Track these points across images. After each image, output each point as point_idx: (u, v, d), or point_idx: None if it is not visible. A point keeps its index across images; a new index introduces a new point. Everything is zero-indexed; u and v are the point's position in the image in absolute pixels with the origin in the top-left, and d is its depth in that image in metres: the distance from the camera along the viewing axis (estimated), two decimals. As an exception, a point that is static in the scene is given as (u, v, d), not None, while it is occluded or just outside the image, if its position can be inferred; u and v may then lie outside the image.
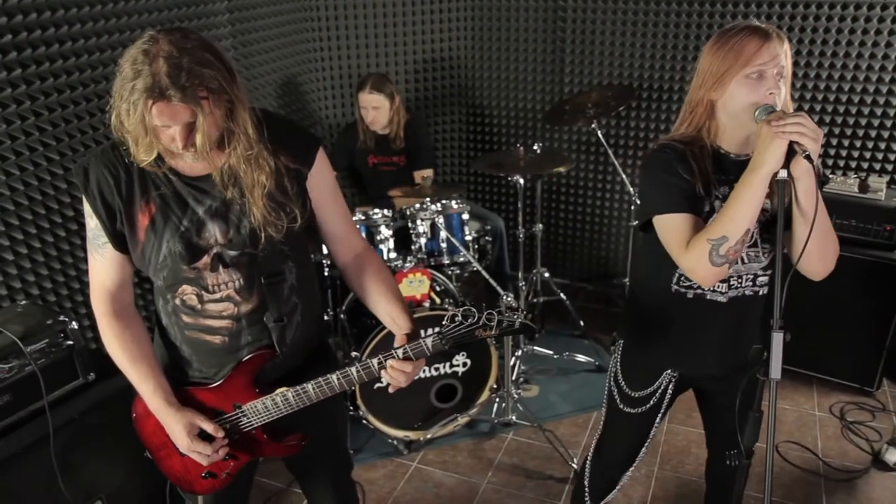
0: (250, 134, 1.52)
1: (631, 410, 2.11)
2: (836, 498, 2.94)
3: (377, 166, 3.93)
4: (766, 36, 1.66)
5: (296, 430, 1.82)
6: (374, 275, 1.78)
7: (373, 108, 3.71)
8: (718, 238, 1.65)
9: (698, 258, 1.68)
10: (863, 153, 3.73)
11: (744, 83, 1.68)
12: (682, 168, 1.75)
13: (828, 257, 1.76)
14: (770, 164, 1.57)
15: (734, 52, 1.68)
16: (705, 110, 1.78)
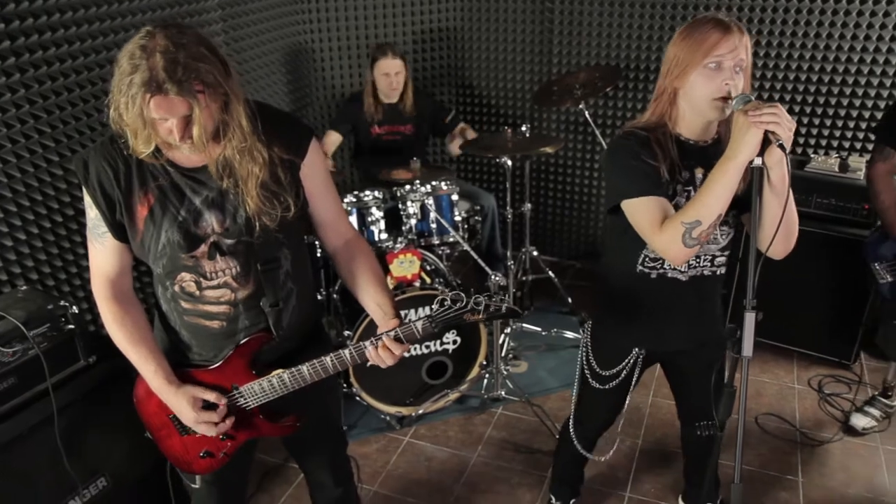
0: (244, 126, 1.57)
1: (601, 387, 2.22)
2: (810, 465, 3.06)
3: (380, 137, 3.98)
4: (726, 29, 1.75)
5: (291, 410, 1.90)
6: (363, 263, 1.85)
7: (395, 74, 3.78)
8: (693, 221, 1.73)
9: (672, 240, 1.76)
10: (844, 133, 3.81)
11: (703, 73, 1.76)
12: (646, 154, 1.83)
13: (791, 239, 1.85)
14: (746, 153, 1.64)
15: (696, 43, 1.76)
16: (668, 98, 1.86)
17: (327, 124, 4.49)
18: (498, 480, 3.02)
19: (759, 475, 3.02)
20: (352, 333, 3.13)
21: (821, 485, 2.95)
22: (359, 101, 3.97)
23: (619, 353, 2.19)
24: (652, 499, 2.91)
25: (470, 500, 2.93)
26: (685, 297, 2.03)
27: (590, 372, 2.27)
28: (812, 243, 3.48)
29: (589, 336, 2.28)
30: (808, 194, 3.50)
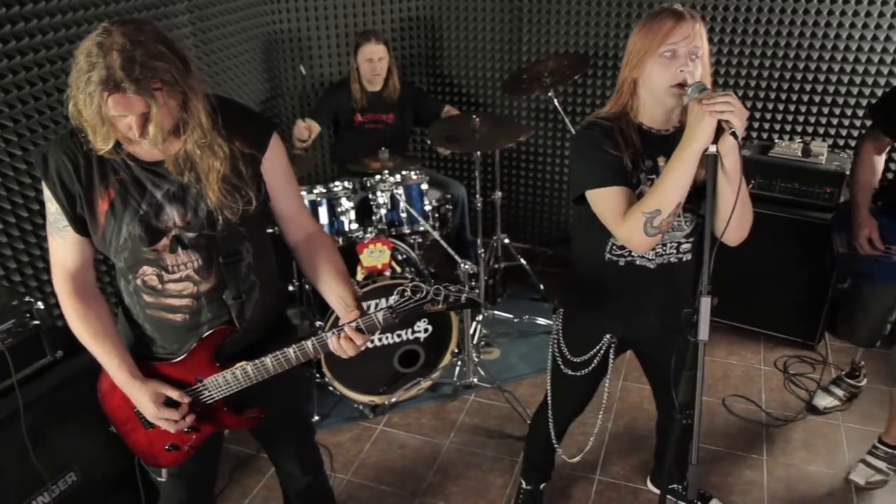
0: (204, 122, 1.58)
1: (573, 374, 2.25)
2: (774, 444, 3.13)
3: (362, 125, 3.98)
4: (679, 17, 1.78)
5: (256, 402, 1.92)
6: (324, 257, 1.87)
7: (378, 59, 3.79)
8: (652, 211, 1.76)
9: (634, 229, 1.80)
10: (808, 118, 3.86)
11: (659, 61, 1.79)
12: (609, 144, 1.86)
13: (745, 227, 1.91)
14: (701, 141, 1.68)
15: (652, 32, 1.79)
16: (629, 89, 1.89)
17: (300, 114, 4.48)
18: (470, 466, 3.05)
19: (726, 455, 3.08)
20: (323, 323, 3.15)
21: (784, 462, 3.02)
22: (342, 89, 3.97)
23: (591, 341, 2.22)
24: (621, 481, 2.96)
25: (442, 486, 2.96)
26: (654, 284, 2.06)
27: (561, 359, 2.30)
28: (777, 227, 3.55)
29: (560, 323, 2.31)
30: (772, 179, 3.56)
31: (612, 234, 1.99)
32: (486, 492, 2.92)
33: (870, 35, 3.56)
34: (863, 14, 3.53)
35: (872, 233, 2.67)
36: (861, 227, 2.70)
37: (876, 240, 2.66)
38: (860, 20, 3.55)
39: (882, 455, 2.88)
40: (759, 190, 3.59)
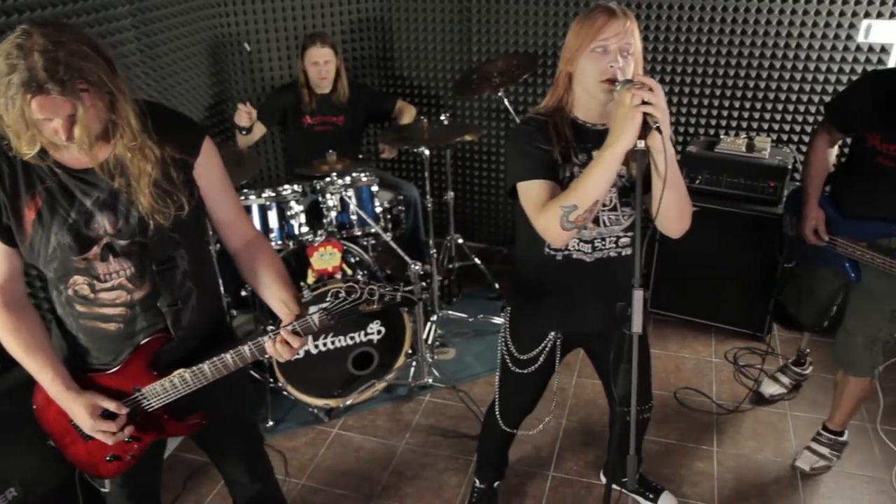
0: (133, 125, 1.56)
1: (521, 371, 2.27)
2: (724, 435, 3.19)
3: (311, 127, 3.96)
4: (611, 14, 1.82)
5: (198, 409, 1.90)
6: (264, 261, 1.86)
7: (325, 63, 3.75)
8: (569, 206, 1.78)
9: (550, 221, 1.82)
10: (752, 114, 3.93)
11: (590, 57, 1.83)
12: (542, 139, 1.90)
13: (685, 218, 1.93)
14: (623, 143, 1.69)
15: (585, 28, 1.83)
16: (564, 83, 1.93)
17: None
18: (425, 466, 3.06)
19: (677, 447, 3.13)
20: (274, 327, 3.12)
21: (733, 452, 3.08)
22: (290, 91, 3.94)
23: (536, 338, 2.25)
24: (575, 476, 2.98)
25: (397, 487, 2.96)
26: (592, 278, 2.08)
27: (509, 357, 2.32)
28: (724, 222, 3.62)
29: (507, 321, 2.33)
30: (718, 174, 3.63)
31: None
32: (441, 492, 2.93)
33: (808, 33, 3.64)
34: (800, 12, 3.61)
35: (819, 225, 2.72)
36: (808, 219, 2.75)
37: (822, 231, 2.72)
38: (798, 18, 3.62)
39: (825, 441, 2.96)
40: (706, 185, 3.66)
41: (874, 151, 2.48)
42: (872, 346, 2.69)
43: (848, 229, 2.67)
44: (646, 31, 3.90)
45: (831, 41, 3.62)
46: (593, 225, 1.99)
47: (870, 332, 2.68)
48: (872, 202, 2.58)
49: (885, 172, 2.47)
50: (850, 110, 2.60)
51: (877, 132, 2.46)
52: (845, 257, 2.69)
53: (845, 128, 2.69)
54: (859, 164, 2.63)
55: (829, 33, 3.60)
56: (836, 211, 2.73)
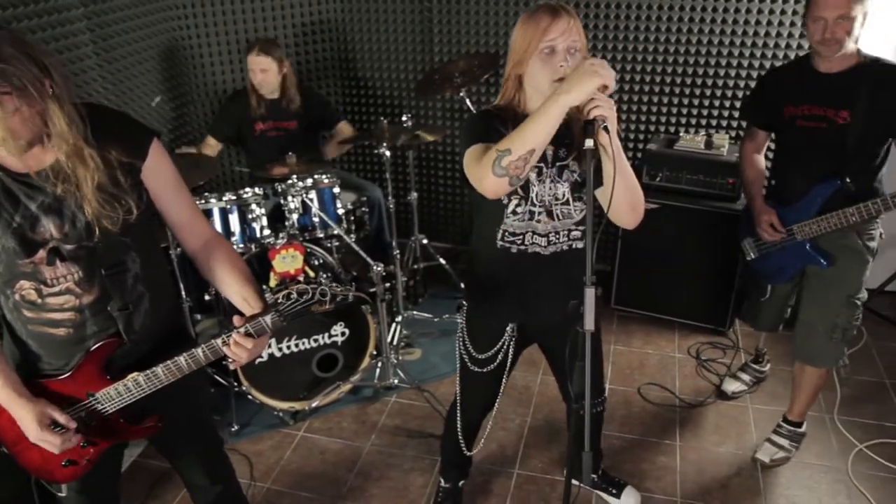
0: (69, 130, 1.53)
1: (480, 370, 2.28)
2: (686, 429, 3.23)
3: (264, 133, 3.93)
4: (555, 13, 1.84)
5: (153, 411, 1.89)
6: (223, 259, 1.85)
7: (260, 71, 3.73)
8: (504, 150, 1.75)
9: (485, 167, 1.78)
10: (710, 112, 3.99)
11: (539, 58, 1.85)
12: (498, 122, 1.92)
13: (638, 209, 1.95)
14: (573, 96, 1.65)
15: (530, 30, 1.85)
16: (514, 84, 1.94)
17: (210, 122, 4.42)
18: (391, 467, 3.06)
19: (640, 442, 3.16)
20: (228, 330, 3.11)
21: (696, 446, 3.12)
22: (240, 98, 3.91)
23: (493, 336, 2.26)
24: (539, 473, 3.00)
25: (363, 489, 2.96)
26: (548, 271, 2.10)
27: (467, 356, 2.33)
28: (684, 218, 3.67)
29: (464, 321, 2.33)
30: (678, 172, 3.67)
31: (501, 221, 2.03)
32: (407, 492, 2.93)
33: (762, 31, 3.71)
34: (755, 11, 3.67)
35: (772, 218, 2.77)
36: (761, 215, 2.80)
37: (777, 224, 2.76)
38: (753, 17, 3.69)
39: (785, 433, 3.01)
40: (666, 182, 3.70)
41: (793, 118, 2.64)
42: (832, 335, 2.74)
43: (798, 214, 2.72)
44: (605, 31, 3.95)
45: (785, 39, 3.69)
46: (548, 219, 2.01)
47: (829, 318, 2.73)
48: (807, 169, 2.68)
49: (806, 132, 2.62)
50: (763, 99, 2.82)
51: (789, 102, 2.65)
52: (808, 244, 2.72)
53: (764, 119, 2.85)
54: (785, 143, 2.82)
55: (784, 32, 3.67)
56: (780, 205, 2.79)
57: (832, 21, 2.39)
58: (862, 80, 2.50)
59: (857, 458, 3.02)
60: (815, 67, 2.59)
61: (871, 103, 2.48)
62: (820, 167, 2.64)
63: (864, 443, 3.08)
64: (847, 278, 2.70)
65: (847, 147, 2.55)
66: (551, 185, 1.99)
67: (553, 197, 2.00)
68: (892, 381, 3.50)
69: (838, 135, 2.55)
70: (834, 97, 2.54)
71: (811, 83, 2.59)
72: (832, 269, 2.70)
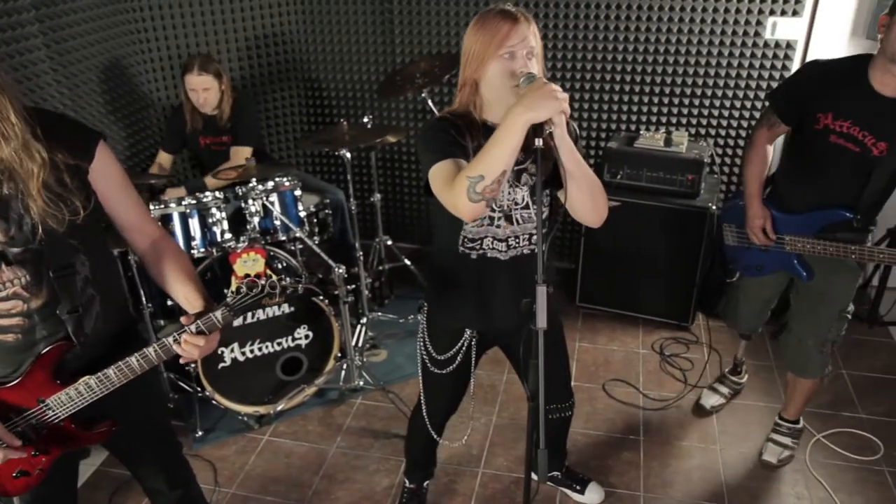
0: (16, 124, 1.50)
1: (440, 371, 2.27)
2: (650, 424, 3.26)
3: (209, 146, 3.91)
4: (514, 20, 1.82)
5: (107, 416, 1.86)
6: (170, 260, 1.83)
7: (203, 90, 3.67)
8: (476, 176, 1.74)
9: (458, 194, 1.77)
10: (671, 109, 4.04)
11: (498, 64, 1.82)
12: (455, 131, 1.90)
13: (599, 208, 1.95)
14: (535, 115, 1.65)
15: (488, 36, 1.82)
16: (471, 89, 1.92)
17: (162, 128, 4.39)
18: (356, 469, 3.05)
19: (605, 438, 3.18)
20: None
21: (659, 441, 3.15)
22: (181, 112, 3.89)
23: (453, 337, 2.26)
24: (505, 472, 3.01)
25: (328, 491, 2.94)
26: (508, 276, 2.10)
27: (428, 357, 2.32)
28: (646, 215, 3.70)
29: (425, 321, 2.33)
30: (638, 169, 3.71)
31: (462, 227, 2.02)
32: (372, 494, 2.92)
33: (718, 30, 3.76)
34: (711, 10, 3.73)
35: (766, 223, 2.68)
36: (755, 218, 2.70)
37: (769, 230, 2.68)
38: (709, 16, 3.75)
39: (786, 431, 3.03)
40: (627, 180, 3.73)
41: (827, 131, 2.43)
42: (822, 348, 2.77)
43: (795, 227, 2.63)
44: (565, 30, 3.98)
45: (741, 38, 3.75)
46: (507, 224, 2.01)
47: (821, 333, 2.75)
48: (824, 187, 2.54)
49: (836, 150, 2.43)
50: (800, 94, 2.53)
51: (829, 111, 2.41)
52: (794, 257, 2.68)
53: (791, 115, 2.59)
54: (808, 152, 2.56)
55: (739, 30, 3.73)
56: (780, 210, 2.69)
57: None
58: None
59: (814, 447, 3.07)
60: (870, 81, 2.32)
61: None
62: (837, 191, 2.50)
63: (821, 433, 3.14)
64: (839, 294, 2.69)
65: (872, 180, 2.41)
66: (510, 191, 1.98)
67: (512, 202, 1.99)
68: (848, 371, 3.57)
69: (867, 164, 2.38)
70: (880, 124, 2.33)
71: (861, 99, 2.34)
72: (824, 283, 2.67)
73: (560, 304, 3.97)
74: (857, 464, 2.99)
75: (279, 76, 4.51)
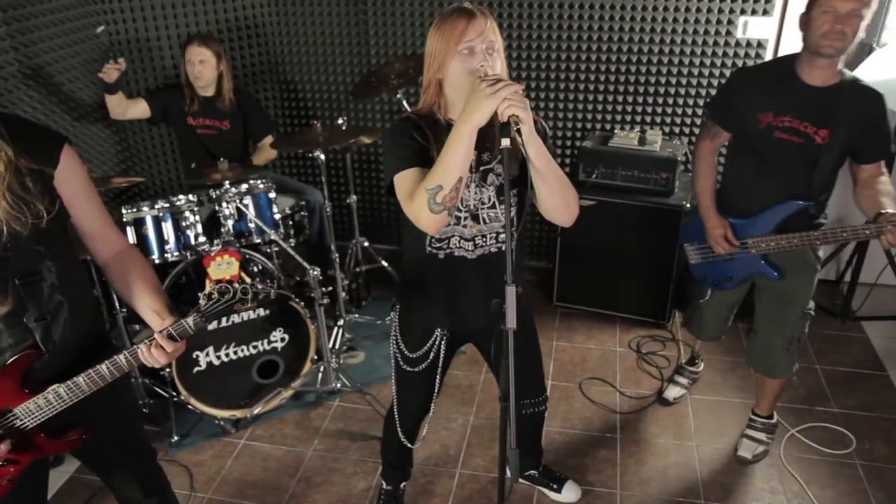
0: None
1: (412, 369, 2.28)
2: (627, 422, 3.29)
3: (194, 129, 3.89)
4: (471, 15, 1.83)
5: (78, 424, 1.84)
6: (135, 272, 1.82)
7: (199, 62, 3.70)
8: (434, 187, 1.77)
9: (420, 207, 1.80)
10: (644, 108, 4.06)
11: (459, 59, 1.83)
12: (418, 134, 1.90)
13: (570, 207, 1.95)
14: (476, 119, 1.70)
15: (447, 33, 1.83)
16: (435, 90, 1.92)
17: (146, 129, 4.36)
18: (333, 472, 3.04)
19: (582, 437, 3.20)
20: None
21: (636, 438, 3.17)
22: (176, 89, 3.89)
23: (424, 335, 2.26)
24: (482, 472, 3.02)
25: (305, 494, 2.93)
26: (475, 275, 2.10)
27: (400, 356, 2.32)
28: (621, 214, 3.72)
29: (397, 319, 2.33)
30: (613, 168, 3.73)
31: None
32: (349, 496, 2.91)
33: (691, 29, 3.79)
34: (683, 9, 3.76)
35: (727, 231, 2.71)
36: (715, 228, 2.72)
37: (732, 237, 2.71)
38: (681, 15, 3.77)
39: (760, 426, 3.05)
40: (602, 179, 3.75)
41: (770, 128, 2.52)
42: (788, 347, 2.80)
43: (755, 228, 2.66)
44: (538, 30, 3.99)
45: (713, 37, 3.78)
46: (474, 223, 2.02)
47: (786, 332, 2.78)
48: (775, 183, 2.58)
49: (782, 145, 2.51)
50: (736, 100, 2.63)
51: (769, 109, 2.51)
52: (761, 258, 2.69)
53: (731, 122, 2.67)
54: (756, 152, 2.61)
55: (711, 29, 3.76)
56: (734, 217, 2.72)
57: (844, 13, 2.27)
58: (845, 100, 2.42)
59: (789, 442, 3.11)
60: (799, 76, 2.46)
61: (850, 126, 2.43)
62: (788, 184, 2.56)
63: (795, 427, 3.17)
64: (801, 292, 2.72)
65: (818, 167, 2.50)
66: (476, 190, 1.98)
67: (479, 201, 2.00)
68: (822, 366, 3.62)
69: (813, 153, 2.48)
70: (818, 114, 2.44)
71: (795, 93, 2.47)
72: (786, 283, 2.69)
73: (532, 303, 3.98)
74: (830, 458, 3.03)
75: (253, 78, 4.48)
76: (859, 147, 2.50)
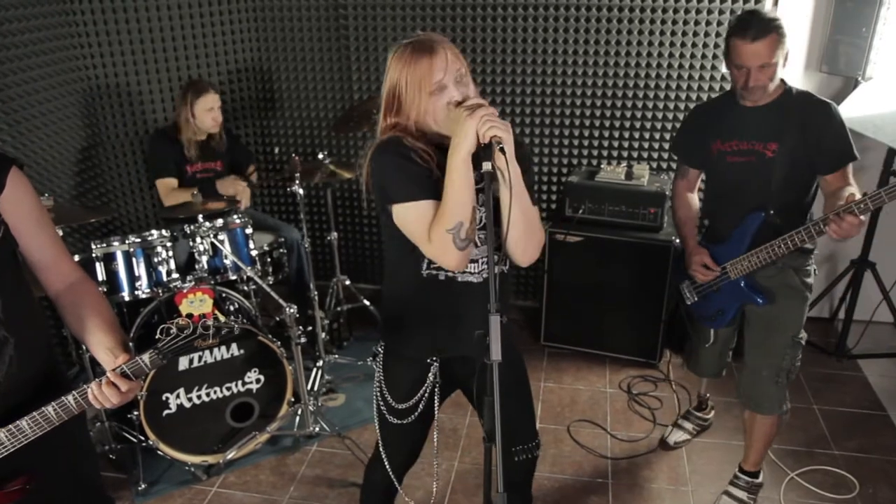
0: None
1: (400, 422, 2.10)
2: (619, 466, 3.14)
3: (194, 175, 3.78)
4: (431, 51, 1.72)
5: (21, 472, 1.69)
6: (88, 306, 1.69)
7: (218, 108, 3.67)
8: (455, 225, 1.69)
9: (444, 248, 1.72)
10: (631, 143, 4.01)
11: (433, 101, 1.73)
12: (414, 154, 1.77)
13: (532, 240, 1.85)
14: (465, 147, 1.63)
15: (414, 76, 1.72)
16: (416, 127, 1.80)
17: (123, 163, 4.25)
18: (310, 521, 2.88)
19: (572, 482, 3.05)
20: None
21: (628, 483, 3.02)
22: (166, 139, 3.73)
23: (415, 382, 2.09)
24: (467, 519, 2.86)
25: (280, 546, 2.77)
26: (479, 299, 1.94)
27: (386, 408, 2.13)
28: (608, 250, 3.63)
29: (381, 368, 2.16)
30: (600, 203, 3.64)
31: None
32: (326, 547, 2.75)
33: (676, 64, 3.76)
34: (667, 44, 3.72)
35: (705, 258, 2.68)
36: (693, 255, 2.72)
37: (710, 263, 2.67)
38: (666, 50, 3.74)
39: (742, 485, 2.87)
40: (589, 215, 3.67)
41: (721, 154, 2.60)
42: (777, 379, 2.66)
43: (729, 251, 2.64)
44: (524, 65, 3.95)
45: (699, 71, 3.75)
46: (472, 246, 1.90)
47: (774, 362, 2.65)
48: (737, 205, 2.61)
49: (735, 168, 2.58)
50: (692, 137, 2.74)
51: (717, 138, 2.61)
52: (743, 282, 2.63)
53: (693, 159, 2.80)
54: (716, 180, 2.75)
55: (696, 64, 3.74)
56: (715, 244, 2.71)
57: (755, 69, 2.36)
58: (790, 112, 2.46)
59: (788, 486, 2.97)
60: (738, 102, 2.54)
61: (798, 136, 2.45)
62: (750, 202, 2.57)
63: (795, 471, 3.04)
64: (789, 319, 2.63)
65: (774, 179, 2.50)
66: None
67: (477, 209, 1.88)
68: (819, 406, 3.49)
69: (767, 168, 2.50)
70: (762, 131, 2.50)
71: (738, 118, 2.55)
72: (773, 309, 2.62)
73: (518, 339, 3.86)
74: (833, 503, 2.89)
75: (234, 113, 4.41)
76: (816, 157, 2.49)
